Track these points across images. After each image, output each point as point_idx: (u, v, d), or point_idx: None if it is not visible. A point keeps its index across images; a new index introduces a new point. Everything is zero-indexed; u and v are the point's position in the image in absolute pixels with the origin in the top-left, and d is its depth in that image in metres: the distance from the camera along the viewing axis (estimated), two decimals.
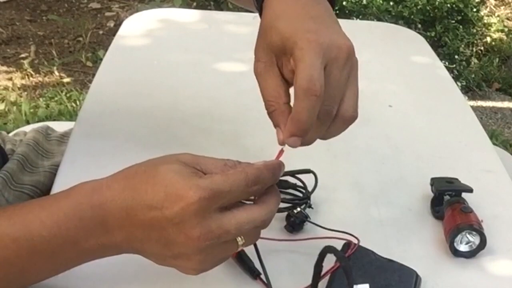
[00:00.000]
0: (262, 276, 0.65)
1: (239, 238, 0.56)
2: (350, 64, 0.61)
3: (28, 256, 0.57)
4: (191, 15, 1.29)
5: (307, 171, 0.77)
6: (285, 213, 0.73)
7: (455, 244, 0.71)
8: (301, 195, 0.76)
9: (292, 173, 0.77)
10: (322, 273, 0.61)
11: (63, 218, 0.56)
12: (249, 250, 0.66)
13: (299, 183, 0.77)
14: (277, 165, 0.58)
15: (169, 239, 0.54)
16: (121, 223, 0.55)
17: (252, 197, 0.59)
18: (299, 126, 0.58)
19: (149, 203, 0.54)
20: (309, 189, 0.77)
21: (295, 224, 0.72)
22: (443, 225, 0.74)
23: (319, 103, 0.57)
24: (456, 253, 0.71)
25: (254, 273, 0.66)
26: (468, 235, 0.71)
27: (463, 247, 0.71)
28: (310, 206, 0.75)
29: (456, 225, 0.71)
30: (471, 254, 0.71)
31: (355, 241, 0.68)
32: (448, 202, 0.75)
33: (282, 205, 0.73)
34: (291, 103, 0.59)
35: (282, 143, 0.59)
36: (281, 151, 0.61)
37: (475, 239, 0.70)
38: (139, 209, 0.54)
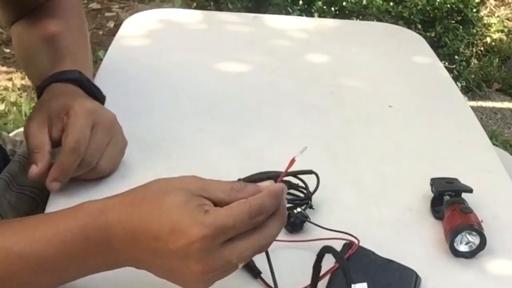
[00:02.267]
0: (263, 275, 0.65)
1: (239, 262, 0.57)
2: (113, 130, 0.78)
3: (34, 272, 0.58)
4: (191, 16, 1.30)
5: (309, 172, 0.77)
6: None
7: (455, 244, 0.71)
8: (302, 195, 0.76)
9: (294, 174, 0.77)
10: (322, 273, 0.61)
11: (70, 239, 0.57)
12: None
13: (301, 184, 0.77)
14: (280, 190, 0.59)
15: (172, 268, 0.56)
16: (126, 246, 0.56)
17: None
18: (62, 173, 0.73)
19: (155, 233, 0.55)
20: (310, 189, 0.76)
21: (295, 224, 0.72)
22: (443, 225, 0.74)
23: (79, 159, 0.73)
24: (456, 253, 0.71)
25: (255, 272, 0.66)
26: (468, 236, 0.71)
27: (463, 247, 0.71)
28: (311, 207, 0.75)
29: (456, 225, 0.71)
30: (471, 254, 0.71)
31: (355, 242, 0.68)
32: (448, 202, 0.75)
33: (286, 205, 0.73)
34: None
35: (34, 176, 0.73)
36: (293, 160, 0.62)
37: (475, 240, 0.70)
38: (144, 237, 0.55)
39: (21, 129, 1.16)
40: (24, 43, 0.96)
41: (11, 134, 1.06)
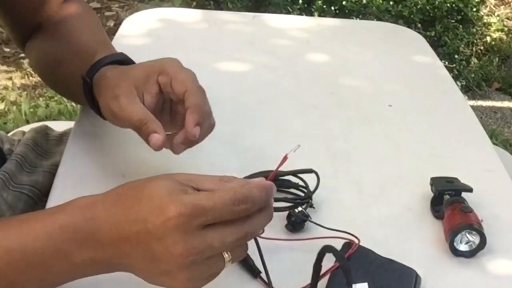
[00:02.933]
0: (263, 275, 0.65)
1: (226, 255, 0.56)
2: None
3: (21, 268, 0.57)
4: (191, 15, 1.29)
5: (310, 171, 0.77)
6: (286, 213, 0.73)
7: (455, 243, 0.71)
8: (302, 194, 0.76)
9: (294, 173, 0.77)
10: (322, 272, 0.61)
11: (57, 231, 0.57)
12: (251, 249, 0.66)
13: (301, 183, 0.77)
14: (269, 186, 0.58)
15: (154, 254, 0.54)
16: (111, 238, 0.56)
17: None
18: (200, 113, 0.69)
19: (135, 217, 0.54)
20: (310, 188, 0.76)
21: (296, 223, 0.72)
22: (443, 224, 0.74)
23: (208, 116, 0.71)
24: (456, 252, 0.71)
25: (254, 272, 0.66)
26: (468, 235, 0.71)
27: (463, 247, 0.71)
28: (311, 206, 0.75)
29: (456, 224, 0.71)
30: (471, 253, 0.71)
31: (356, 241, 0.68)
32: (448, 201, 0.75)
33: (284, 204, 0.73)
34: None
35: (162, 143, 0.68)
36: (285, 158, 0.62)
37: (475, 239, 0.70)
38: (126, 224, 0.55)
39: (20, 128, 1.16)
40: (47, 51, 0.89)
41: (9, 134, 1.06)
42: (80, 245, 0.56)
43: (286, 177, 0.78)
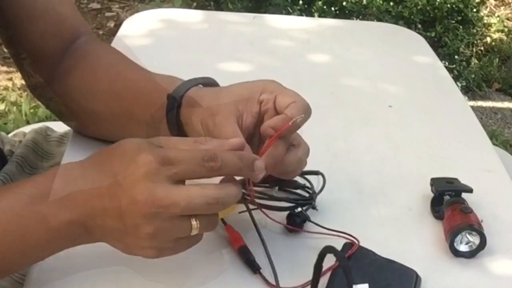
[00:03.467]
0: (262, 271, 0.66)
1: (194, 221, 0.56)
2: None
3: (1, 233, 0.58)
4: (191, 15, 1.30)
5: (316, 173, 0.77)
6: (287, 212, 0.73)
7: (455, 244, 0.71)
8: (307, 195, 0.76)
9: (301, 174, 0.77)
10: (322, 270, 0.61)
11: (36, 194, 0.58)
12: (251, 244, 0.67)
13: (306, 183, 0.77)
14: (248, 156, 0.60)
15: (121, 209, 0.55)
16: (85, 196, 0.57)
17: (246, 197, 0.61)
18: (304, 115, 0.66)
19: (108, 172, 0.57)
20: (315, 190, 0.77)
21: (296, 224, 0.72)
22: (443, 225, 0.74)
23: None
24: (456, 253, 0.71)
25: (254, 267, 0.66)
26: (468, 235, 0.71)
27: (463, 247, 0.71)
28: (314, 207, 0.75)
29: (456, 225, 0.71)
30: (471, 254, 0.71)
31: (356, 242, 0.68)
32: (448, 202, 0.75)
33: (285, 204, 0.73)
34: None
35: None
36: (288, 124, 0.63)
37: (475, 239, 0.70)
38: (100, 180, 0.57)
39: (20, 129, 1.16)
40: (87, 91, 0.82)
41: (10, 135, 1.06)
42: (57, 207, 0.57)
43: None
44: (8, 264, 0.61)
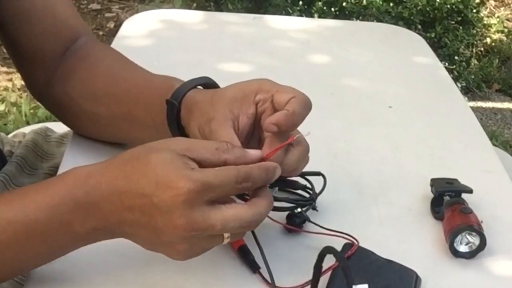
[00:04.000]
0: (262, 270, 0.66)
1: (226, 234, 0.58)
2: None
3: (25, 239, 0.58)
4: (191, 16, 1.30)
5: (317, 174, 0.78)
6: (287, 213, 0.73)
7: (455, 245, 0.71)
8: (308, 196, 0.76)
9: (302, 174, 0.77)
10: (323, 269, 0.61)
11: (58, 201, 0.58)
12: (251, 244, 0.67)
13: (307, 185, 0.77)
14: (272, 167, 0.60)
15: (157, 226, 0.56)
16: (113, 207, 0.57)
17: (246, 197, 0.62)
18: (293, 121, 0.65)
19: (141, 191, 0.56)
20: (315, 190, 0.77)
21: (295, 224, 0.72)
22: (443, 226, 0.74)
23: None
24: (456, 254, 0.71)
25: (254, 267, 0.66)
26: (467, 236, 0.71)
27: (463, 248, 0.71)
28: (314, 208, 0.75)
29: (456, 225, 0.71)
30: (471, 255, 0.71)
31: (355, 242, 0.68)
32: (448, 203, 0.75)
33: (285, 205, 0.73)
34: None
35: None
36: (291, 138, 0.64)
37: (475, 240, 0.70)
38: (131, 196, 0.56)
39: (20, 130, 1.16)
40: (91, 91, 0.81)
41: (10, 135, 1.06)
42: (82, 216, 0.58)
43: (295, 178, 0.78)
44: (31, 264, 0.62)
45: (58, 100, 0.84)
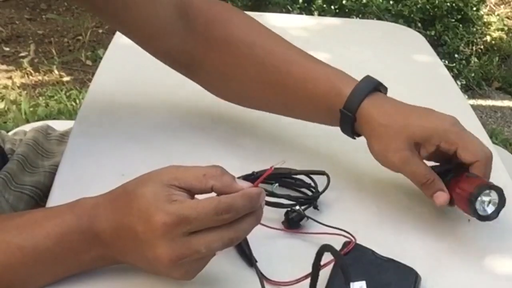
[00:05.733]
0: (259, 264, 0.66)
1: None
2: None
3: (32, 264, 0.61)
4: None
5: (322, 173, 0.78)
6: (285, 210, 0.73)
7: (479, 208, 0.68)
8: (310, 194, 0.76)
9: (307, 173, 0.77)
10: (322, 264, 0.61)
11: (66, 231, 0.60)
12: (250, 238, 0.67)
13: (310, 183, 0.78)
14: (255, 194, 0.59)
15: (149, 258, 0.58)
16: (113, 240, 0.59)
17: None
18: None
19: (128, 224, 0.58)
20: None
21: (293, 221, 0.72)
22: (455, 198, 0.71)
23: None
24: (482, 217, 0.69)
25: (251, 261, 0.66)
26: (488, 195, 0.69)
27: (490, 209, 0.69)
28: (315, 207, 0.75)
29: (472, 189, 0.68)
30: (497, 213, 0.69)
31: (353, 240, 0.68)
32: (450, 178, 0.73)
33: (286, 202, 0.73)
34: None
35: (444, 203, 0.71)
36: (271, 169, 0.63)
37: (495, 197, 0.69)
38: (122, 229, 0.59)
39: (21, 127, 1.16)
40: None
41: (10, 133, 1.06)
42: (87, 245, 0.60)
43: (298, 176, 0.78)
44: (36, 286, 0.63)
45: (204, 77, 0.84)
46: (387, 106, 0.75)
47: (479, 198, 0.68)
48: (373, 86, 0.76)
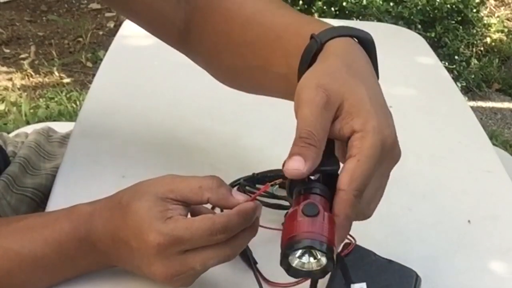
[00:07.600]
0: (259, 266, 0.66)
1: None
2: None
3: (30, 269, 0.61)
4: None
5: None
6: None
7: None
8: None
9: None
10: None
11: (64, 238, 0.61)
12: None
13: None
14: (251, 210, 0.58)
15: (144, 272, 0.59)
16: (109, 248, 0.60)
17: None
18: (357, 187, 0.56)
19: (123, 238, 0.58)
20: None
21: None
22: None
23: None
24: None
25: (251, 262, 0.66)
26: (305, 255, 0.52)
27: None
28: None
29: (287, 238, 0.52)
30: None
31: (352, 241, 0.68)
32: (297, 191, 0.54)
33: (286, 203, 0.73)
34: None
35: (295, 174, 0.51)
36: (267, 186, 0.62)
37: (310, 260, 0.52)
38: (118, 240, 0.59)
39: (22, 129, 1.16)
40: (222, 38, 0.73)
41: (11, 135, 1.06)
42: (84, 251, 0.61)
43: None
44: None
45: (199, 56, 0.81)
46: (350, 58, 0.62)
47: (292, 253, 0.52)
48: (358, 35, 0.67)
